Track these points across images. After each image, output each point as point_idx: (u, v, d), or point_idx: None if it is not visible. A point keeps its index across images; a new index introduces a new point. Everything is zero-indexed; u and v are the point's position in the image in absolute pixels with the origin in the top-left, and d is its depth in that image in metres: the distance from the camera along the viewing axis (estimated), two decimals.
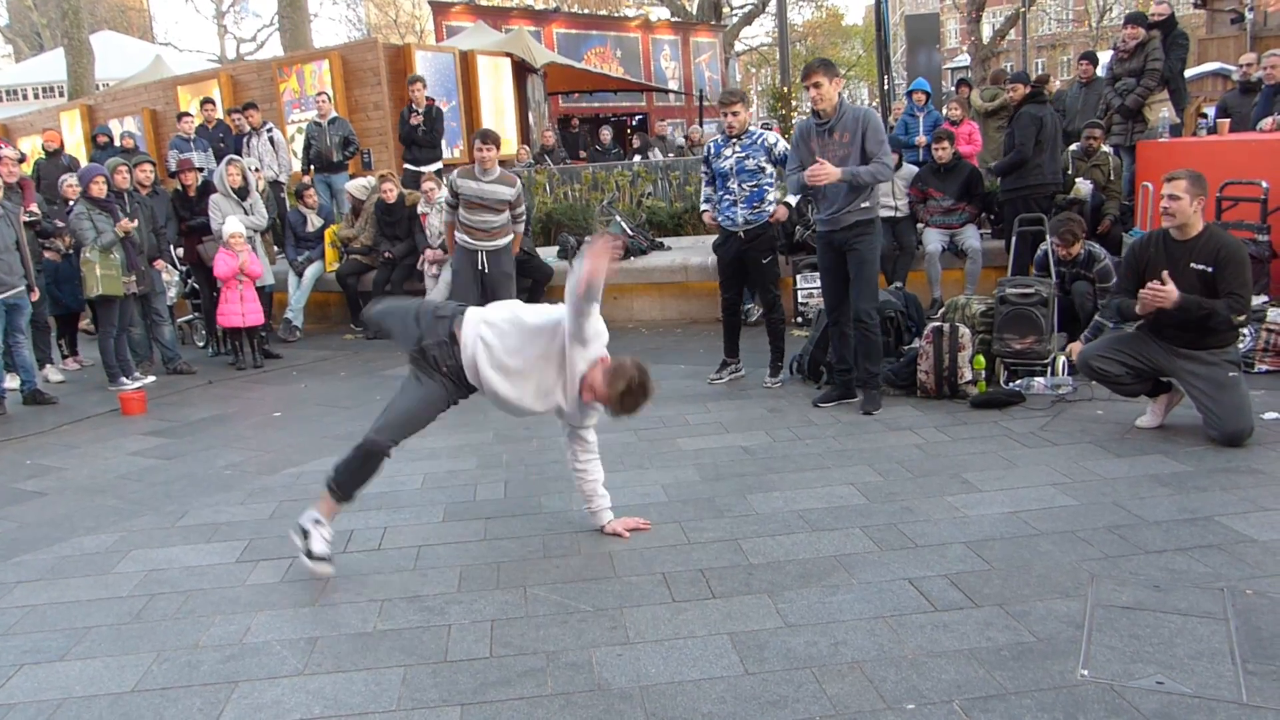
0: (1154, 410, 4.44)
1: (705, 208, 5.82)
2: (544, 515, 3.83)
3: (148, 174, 7.50)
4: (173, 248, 7.78)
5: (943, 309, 5.89)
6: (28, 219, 6.86)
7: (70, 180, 7.20)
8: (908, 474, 4.01)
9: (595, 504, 3.55)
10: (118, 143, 10.45)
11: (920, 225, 7.44)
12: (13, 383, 6.55)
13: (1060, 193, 7.00)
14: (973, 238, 7.17)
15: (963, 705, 2.31)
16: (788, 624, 2.78)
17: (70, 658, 2.85)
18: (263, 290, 7.57)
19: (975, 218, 7.41)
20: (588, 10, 28.89)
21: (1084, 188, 7.12)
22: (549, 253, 8.55)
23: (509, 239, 6.48)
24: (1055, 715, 2.24)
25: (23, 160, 9.04)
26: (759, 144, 5.48)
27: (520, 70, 13.56)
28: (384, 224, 8.27)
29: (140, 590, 3.32)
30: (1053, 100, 8.44)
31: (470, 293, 6.28)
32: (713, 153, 5.65)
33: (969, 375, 5.12)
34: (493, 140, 6.25)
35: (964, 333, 5.14)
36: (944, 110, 9.79)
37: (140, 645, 2.90)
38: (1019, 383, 5.19)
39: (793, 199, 5.77)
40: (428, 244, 8.02)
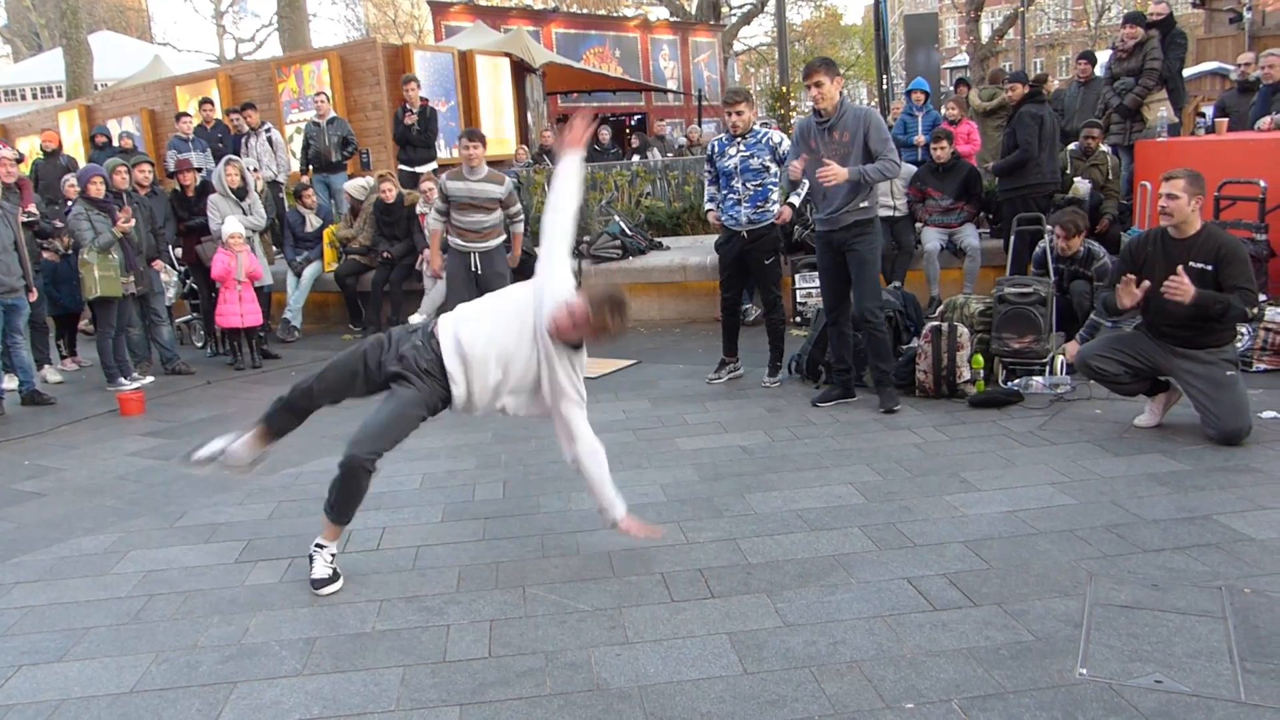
0: (1152, 409, 4.45)
1: (710, 207, 5.80)
2: (543, 515, 3.84)
3: (146, 174, 7.49)
4: (171, 248, 7.78)
5: (941, 308, 5.89)
6: (26, 219, 6.86)
7: (72, 180, 7.20)
8: (906, 473, 4.02)
9: (603, 508, 3.28)
10: (116, 143, 10.41)
11: (918, 225, 7.44)
12: (11, 383, 6.55)
13: (1058, 192, 7.02)
14: (971, 237, 7.18)
15: (961, 704, 2.31)
16: (786, 623, 2.78)
17: (69, 658, 2.85)
18: (261, 290, 7.56)
19: (974, 217, 7.41)
20: (586, 10, 28.89)
21: (1082, 187, 7.13)
22: None
23: (501, 239, 6.47)
24: (1054, 714, 2.25)
25: (21, 160, 9.01)
26: (763, 143, 5.47)
27: (519, 70, 13.55)
28: (383, 224, 8.27)
29: (139, 591, 3.32)
30: (1051, 100, 8.44)
31: (464, 295, 6.25)
32: (716, 151, 5.63)
33: (967, 374, 5.13)
34: (479, 139, 6.23)
35: (962, 332, 5.14)
36: (942, 110, 9.81)
37: (139, 646, 2.90)
38: (1017, 382, 5.19)
39: (796, 199, 5.77)
40: (426, 244, 8.01)
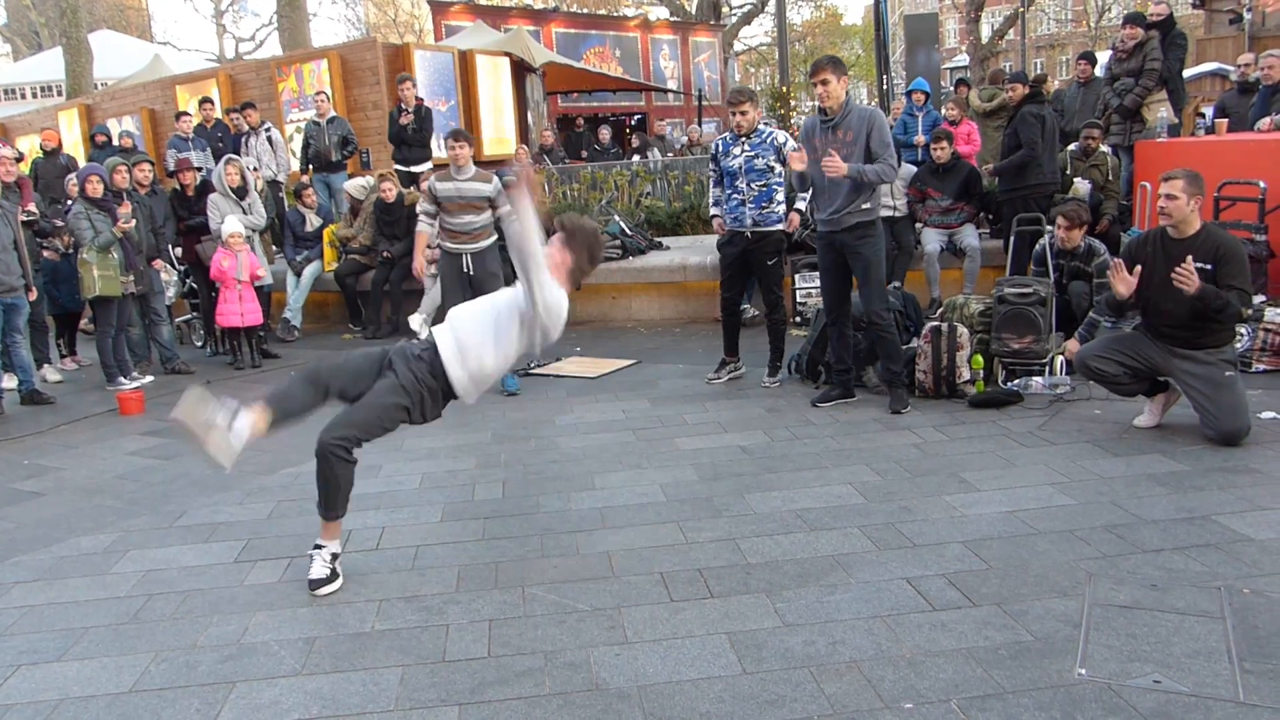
0: (1151, 410, 4.45)
1: (715, 211, 5.76)
2: (542, 515, 3.84)
3: (146, 173, 7.49)
4: (171, 247, 7.78)
5: (941, 308, 5.90)
6: (25, 218, 6.86)
7: (74, 179, 7.20)
8: (906, 473, 4.02)
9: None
10: (116, 142, 10.42)
11: (919, 225, 7.44)
12: (10, 383, 6.55)
13: (1058, 192, 7.01)
14: (971, 237, 7.18)
15: (960, 704, 2.31)
16: (786, 623, 2.78)
17: (68, 658, 2.85)
18: (261, 290, 7.56)
19: (974, 217, 7.41)
20: (587, 10, 28.89)
21: (1082, 187, 7.13)
22: None
23: (493, 239, 6.45)
24: (1053, 714, 2.25)
25: (20, 159, 9.01)
26: (768, 143, 5.45)
27: (519, 70, 13.55)
28: (382, 223, 8.28)
29: (138, 590, 3.32)
30: (1051, 100, 8.44)
31: (457, 296, 6.24)
32: (721, 150, 5.62)
33: (967, 375, 5.13)
34: (464, 138, 6.21)
35: (962, 332, 5.15)
36: (943, 110, 9.80)
37: (138, 645, 2.90)
38: (1017, 382, 5.19)
39: (802, 204, 5.76)
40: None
